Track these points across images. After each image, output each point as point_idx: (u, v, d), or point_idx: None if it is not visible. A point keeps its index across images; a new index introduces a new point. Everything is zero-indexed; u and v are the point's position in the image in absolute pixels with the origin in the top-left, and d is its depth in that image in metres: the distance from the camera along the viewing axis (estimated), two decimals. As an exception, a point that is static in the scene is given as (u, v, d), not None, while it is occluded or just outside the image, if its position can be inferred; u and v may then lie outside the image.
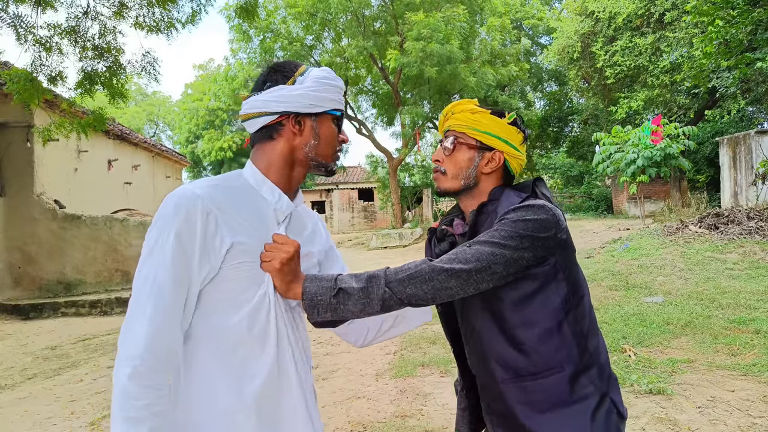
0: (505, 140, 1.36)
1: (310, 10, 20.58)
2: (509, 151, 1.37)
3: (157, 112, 47.66)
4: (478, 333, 1.33)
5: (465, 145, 1.37)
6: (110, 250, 9.79)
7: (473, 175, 1.37)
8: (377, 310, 1.16)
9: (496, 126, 1.35)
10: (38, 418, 4.11)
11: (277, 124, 1.22)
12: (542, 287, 1.24)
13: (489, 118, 1.36)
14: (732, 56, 10.41)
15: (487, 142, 1.36)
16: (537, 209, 1.21)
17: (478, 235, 1.27)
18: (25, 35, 6.74)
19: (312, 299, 1.14)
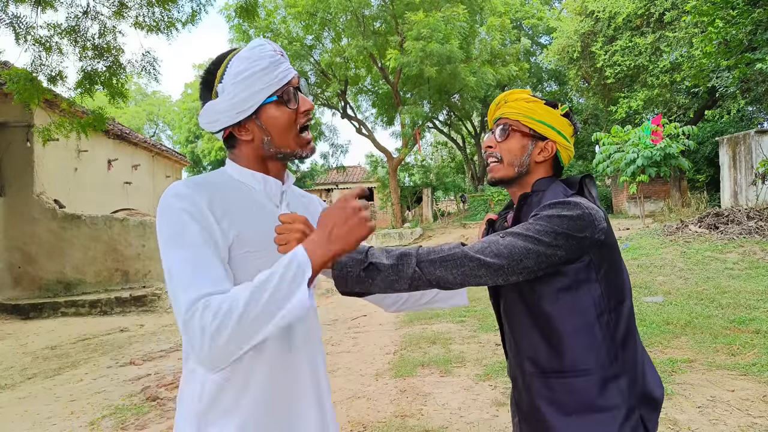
0: (558, 131, 1.38)
1: (310, 9, 20.59)
2: (561, 142, 1.38)
3: (156, 112, 47.62)
4: (513, 321, 1.35)
5: (519, 132, 1.38)
6: (110, 250, 9.80)
7: (526, 163, 1.38)
8: (405, 288, 1.15)
9: (549, 116, 1.37)
10: (38, 417, 4.11)
11: (229, 137, 1.21)
12: (574, 285, 1.23)
13: (543, 107, 1.37)
14: (732, 56, 10.41)
15: (541, 131, 1.37)
16: (574, 206, 1.20)
17: (522, 220, 1.29)
18: (24, 35, 6.74)
19: (341, 270, 1.13)
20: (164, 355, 5.97)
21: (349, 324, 7.17)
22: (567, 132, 1.39)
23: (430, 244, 1.35)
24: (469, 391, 4.11)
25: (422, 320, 6.83)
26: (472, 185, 31.20)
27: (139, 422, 3.92)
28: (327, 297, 9.72)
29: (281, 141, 1.19)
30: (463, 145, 33.32)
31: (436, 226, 23.55)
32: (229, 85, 1.13)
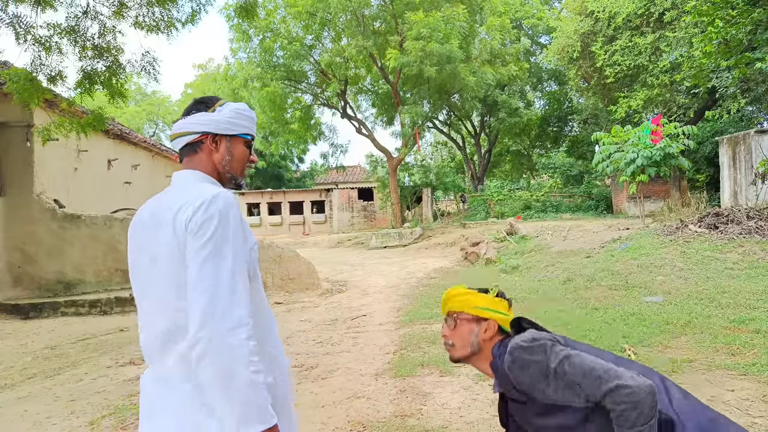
0: (494, 310, 1.76)
1: (310, 9, 20.57)
2: (498, 318, 1.76)
3: (156, 112, 47.62)
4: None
5: (465, 320, 1.78)
6: (110, 250, 9.79)
7: (476, 342, 1.75)
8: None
9: (484, 301, 1.77)
10: (38, 417, 4.11)
11: (198, 142, 1.50)
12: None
13: (478, 296, 1.78)
14: (732, 56, 10.40)
15: (481, 315, 1.75)
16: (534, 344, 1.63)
17: (509, 391, 1.66)
18: (24, 35, 6.74)
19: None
20: (164, 354, 5.97)
21: (349, 324, 7.17)
22: (503, 308, 1.78)
23: (431, 244, 1.38)
24: (468, 391, 4.11)
25: (422, 320, 6.83)
26: (472, 185, 31.22)
27: (139, 422, 3.92)
28: (326, 297, 9.72)
29: (235, 166, 1.53)
30: (462, 145, 33.32)
31: (436, 225, 23.55)
32: (228, 110, 1.51)
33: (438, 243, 18.10)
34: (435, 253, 16.32)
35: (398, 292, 9.78)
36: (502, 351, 1.69)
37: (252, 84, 22.58)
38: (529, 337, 1.60)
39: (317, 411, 3.94)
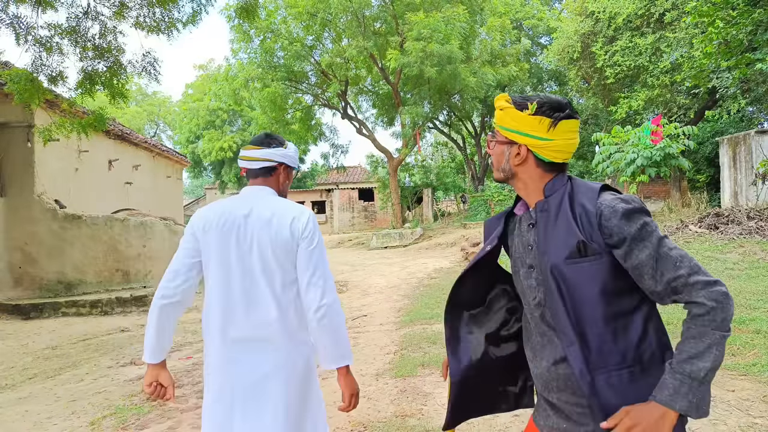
0: (526, 133, 1.43)
1: (311, 10, 20.57)
2: (532, 143, 1.44)
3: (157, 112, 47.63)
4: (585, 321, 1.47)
5: (498, 141, 1.52)
6: (111, 250, 9.80)
7: (508, 168, 1.50)
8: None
9: (516, 121, 1.44)
10: (39, 417, 4.12)
11: (274, 167, 2.08)
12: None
13: (511, 114, 1.45)
14: (732, 56, 10.40)
15: (511, 137, 1.47)
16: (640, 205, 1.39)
17: (541, 228, 1.43)
18: (25, 35, 6.75)
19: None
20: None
21: (349, 324, 7.18)
22: (539, 130, 1.42)
23: (431, 244, 1.38)
24: (469, 391, 4.11)
25: (422, 320, 6.83)
26: (473, 185, 31.19)
27: (139, 422, 3.92)
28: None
29: (287, 188, 2.18)
30: (463, 146, 33.31)
31: (437, 226, 23.54)
32: (292, 149, 2.14)
33: (438, 243, 18.10)
34: (435, 254, 16.32)
35: (399, 292, 9.78)
36: (558, 187, 1.45)
37: (253, 84, 22.57)
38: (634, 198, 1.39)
39: (318, 411, 3.94)
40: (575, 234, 1.36)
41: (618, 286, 1.36)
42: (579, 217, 1.37)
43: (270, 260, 1.88)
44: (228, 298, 1.91)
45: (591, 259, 1.34)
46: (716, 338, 1.28)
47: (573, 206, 1.40)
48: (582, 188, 1.42)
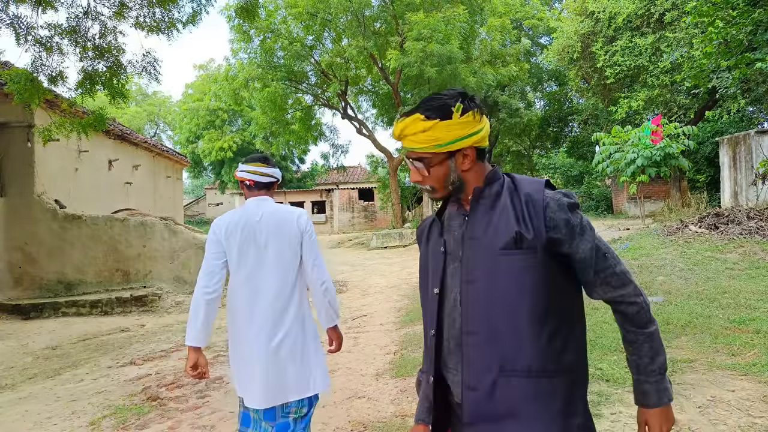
0: (468, 134, 1.36)
1: (311, 10, 20.57)
2: (476, 140, 1.38)
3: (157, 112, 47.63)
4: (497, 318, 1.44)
5: (436, 163, 1.40)
6: (111, 250, 9.79)
7: (457, 178, 1.42)
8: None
9: (451, 131, 1.35)
10: (39, 417, 4.12)
11: (274, 182, 2.68)
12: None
13: (442, 126, 1.34)
14: (732, 56, 10.40)
15: (454, 148, 1.37)
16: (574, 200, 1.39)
17: (478, 216, 1.38)
18: (25, 35, 6.74)
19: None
20: (165, 355, 5.98)
21: (349, 324, 7.18)
22: (474, 126, 1.37)
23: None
24: (469, 391, 4.11)
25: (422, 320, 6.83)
26: (473, 185, 31.15)
27: (139, 422, 3.92)
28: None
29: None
30: (463, 146, 33.28)
31: (437, 226, 23.51)
32: (277, 171, 2.74)
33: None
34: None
35: (399, 292, 9.78)
36: (497, 177, 1.42)
37: (253, 84, 22.56)
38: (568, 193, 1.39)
39: (318, 411, 3.94)
40: (512, 224, 1.32)
41: (548, 286, 1.31)
42: (522, 207, 1.34)
43: (284, 252, 2.47)
44: (250, 284, 2.44)
45: (525, 252, 1.30)
46: (656, 329, 1.39)
47: (513, 197, 1.36)
48: (525, 180, 1.40)
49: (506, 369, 1.29)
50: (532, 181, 1.39)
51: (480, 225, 1.37)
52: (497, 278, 1.32)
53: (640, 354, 1.38)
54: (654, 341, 1.37)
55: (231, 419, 3.82)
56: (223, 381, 4.82)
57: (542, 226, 1.31)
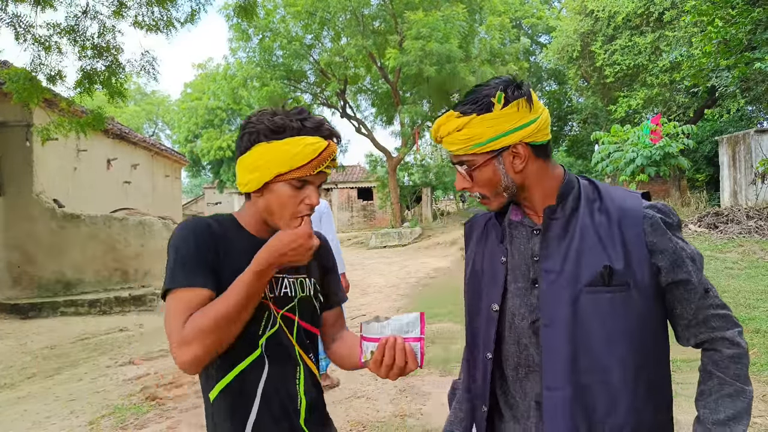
0: (515, 128, 1.12)
1: (309, 9, 20.56)
2: (527, 133, 1.13)
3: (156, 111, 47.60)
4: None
5: (479, 166, 1.17)
6: (109, 249, 9.78)
7: (511, 182, 1.17)
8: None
9: (492, 126, 1.12)
10: (37, 417, 4.11)
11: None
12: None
13: (479, 122, 1.12)
14: (731, 55, 10.40)
15: (498, 146, 1.14)
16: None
17: (551, 242, 1.15)
18: (24, 34, 6.73)
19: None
20: (164, 354, 5.97)
21: (348, 324, 7.16)
22: (522, 117, 1.13)
23: (430, 244, 1.34)
24: (468, 391, 4.11)
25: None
26: (472, 184, 31.18)
27: (138, 422, 3.91)
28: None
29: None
30: (462, 145, 33.31)
31: (436, 225, 23.55)
32: None
33: (438, 242, 18.10)
34: (435, 253, 16.32)
35: (398, 291, 9.77)
36: (571, 186, 1.19)
37: (251, 83, 22.57)
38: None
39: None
40: (598, 253, 1.10)
41: (645, 330, 1.12)
42: (611, 228, 1.12)
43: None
44: None
45: (617, 290, 1.09)
46: (748, 395, 1.10)
47: (594, 214, 1.14)
48: (615, 191, 1.18)
49: (601, 423, 1.10)
50: (626, 193, 1.18)
51: (556, 255, 1.14)
52: (582, 323, 1.10)
53: (719, 404, 1.11)
54: (741, 402, 1.10)
55: (230, 419, 3.82)
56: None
57: (642, 253, 1.10)
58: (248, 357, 1.24)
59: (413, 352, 1.12)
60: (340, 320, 1.56)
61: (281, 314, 1.28)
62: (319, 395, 1.40)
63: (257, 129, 1.22)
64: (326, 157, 1.23)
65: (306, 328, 1.36)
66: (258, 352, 1.24)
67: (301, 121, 1.22)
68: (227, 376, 1.24)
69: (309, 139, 1.20)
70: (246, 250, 1.23)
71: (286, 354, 1.29)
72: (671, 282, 1.11)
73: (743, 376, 1.10)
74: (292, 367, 1.30)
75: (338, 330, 1.54)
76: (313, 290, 1.40)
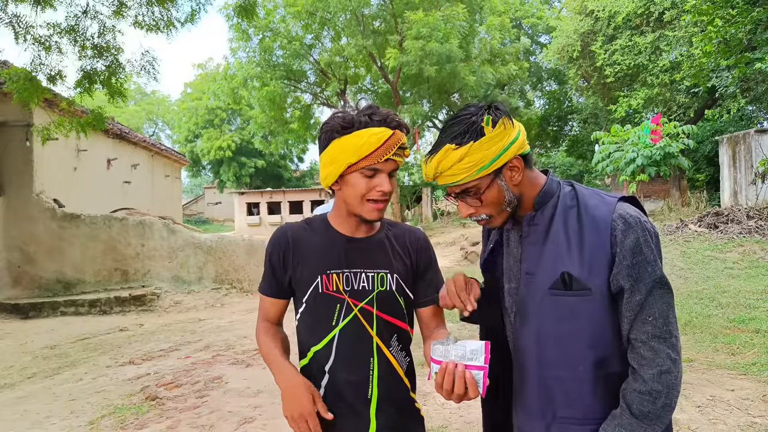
0: (505, 147, 1.20)
1: (310, 9, 20.57)
2: (517, 148, 1.22)
3: (156, 111, 47.63)
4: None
5: (485, 188, 1.22)
6: (109, 249, 9.78)
7: (513, 196, 1.25)
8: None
9: (489, 149, 1.18)
10: (37, 417, 4.11)
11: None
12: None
13: (478, 148, 1.18)
14: (731, 55, 10.40)
15: (497, 166, 1.20)
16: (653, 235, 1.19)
17: (529, 247, 1.25)
18: (24, 34, 6.73)
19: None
20: (163, 354, 5.97)
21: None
22: (509, 134, 1.20)
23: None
24: (468, 391, 4.11)
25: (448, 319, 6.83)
26: (472, 184, 31.21)
27: (138, 422, 3.91)
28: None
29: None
30: (462, 145, 33.32)
31: (436, 225, 23.55)
32: None
33: (438, 242, 18.10)
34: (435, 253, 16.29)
35: (398, 291, 9.76)
36: (552, 193, 1.26)
37: (251, 83, 22.58)
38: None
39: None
40: (561, 259, 1.18)
41: (608, 332, 1.17)
42: (580, 235, 1.18)
43: None
44: None
45: (577, 294, 1.16)
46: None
47: (568, 220, 1.21)
48: (592, 198, 1.23)
49: (562, 416, 1.19)
50: (601, 200, 1.22)
51: (532, 259, 1.24)
52: (548, 322, 1.19)
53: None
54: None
55: (230, 419, 3.82)
56: (221, 381, 4.81)
57: (604, 261, 1.15)
58: (320, 343, 1.42)
59: (474, 381, 1.14)
60: (435, 318, 1.59)
61: (360, 307, 1.42)
62: (399, 390, 1.50)
63: (331, 127, 1.35)
64: (392, 144, 1.33)
65: (389, 320, 1.46)
66: (326, 340, 1.41)
67: (368, 115, 1.34)
68: (306, 357, 1.46)
69: (375, 130, 1.31)
70: (319, 246, 1.45)
71: (361, 344, 1.41)
72: (617, 290, 1.15)
73: (650, 416, 1.11)
74: (365, 357, 1.41)
75: (433, 328, 1.59)
76: (396, 285, 1.47)
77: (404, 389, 1.52)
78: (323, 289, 1.41)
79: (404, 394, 1.52)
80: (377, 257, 1.47)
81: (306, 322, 1.46)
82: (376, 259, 1.46)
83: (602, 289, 1.15)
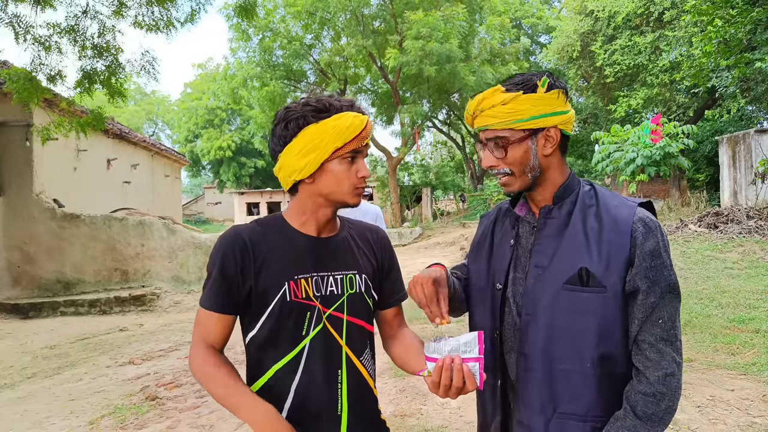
0: (551, 113, 1.20)
1: (309, 9, 20.58)
2: (560, 120, 1.22)
3: (156, 111, 47.63)
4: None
5: (515, 141, 1.22)
6: (109, 249, 9.78)
7: (538, 164, 1.24)
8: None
9: (535, 105, 1.19)
10: (37, 417, 4.11)
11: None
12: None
13: (524, 100, 1.18)
14: (731, 55, 10.40)
15: (537, 125, 1.20)
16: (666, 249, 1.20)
17: (544, 240, 1.24)
18: (24, 34, 6.73)
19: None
20: (163, 354, 5.97)
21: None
22: (560, 105, 1.21)
23: (430, 243, 1.34)
24: (468, 391, 4.11)
25: (422, 320, 6.83)
26: (472, 184, 31.20)
27: (138, 422, 3.91)
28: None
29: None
30: (462, 145, 33.31)
31: (436, 225, 23.55)
32: None
33: (438, 242, 18.09)
34: (435, 253, 16.31)
35: (398, 291, 9.76)
36: (572, 188, 1.28)
37: (251, 83, 22.59)
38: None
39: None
40: (580, 254, 1.18)
41: (617, 329, 1.18)
42: (600, 233, 1.19)
43: None
44: None
45: (592, 291, 1.17)
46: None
47: (587, 218, 1.22)
48: (613, 199, 1.25)
49: (563, 412, 1.19)
50: (623, 202, 1.24)
51: (546, 252, 1.24)
52: (561, 317, 1.19)
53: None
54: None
55: (230, 419, 3.82)
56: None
57: (621, 262, 1.16)
58: (284, 358, 1.26)
59: (471, 373, 1.11)
60: (397, 318, 1.49)
61: (328, 314, 1.29)
62: (368, 402, 1.37)
63: (301, 113, 1.25)
64: (369, 129, 1.29)
65: (360, 324, 1.34)
66: (293, 353, 1.26)
67: (337, 100, 1.27)
68: (263, 377, 1.28)
69: (353, 113, 1.25)
70: (284, 249, 1.29)
71: (329, 356, 1.27)
72: (632, 291, 1.16)
73: (654, 417, 1.13)
74: (332, 370, 1.28)
75: (395, 328, 1.48)
76: (364, 287, 1.37)
77: (373, 400, 1.41)
78: (291, 296, 1.24)
79: (373, 405, 1.41)
80: (344, 258, 1.35)
81: (265, 339, 1.27)
82: (344, 260, 1.35)
83: (617, 288, 1.15)
